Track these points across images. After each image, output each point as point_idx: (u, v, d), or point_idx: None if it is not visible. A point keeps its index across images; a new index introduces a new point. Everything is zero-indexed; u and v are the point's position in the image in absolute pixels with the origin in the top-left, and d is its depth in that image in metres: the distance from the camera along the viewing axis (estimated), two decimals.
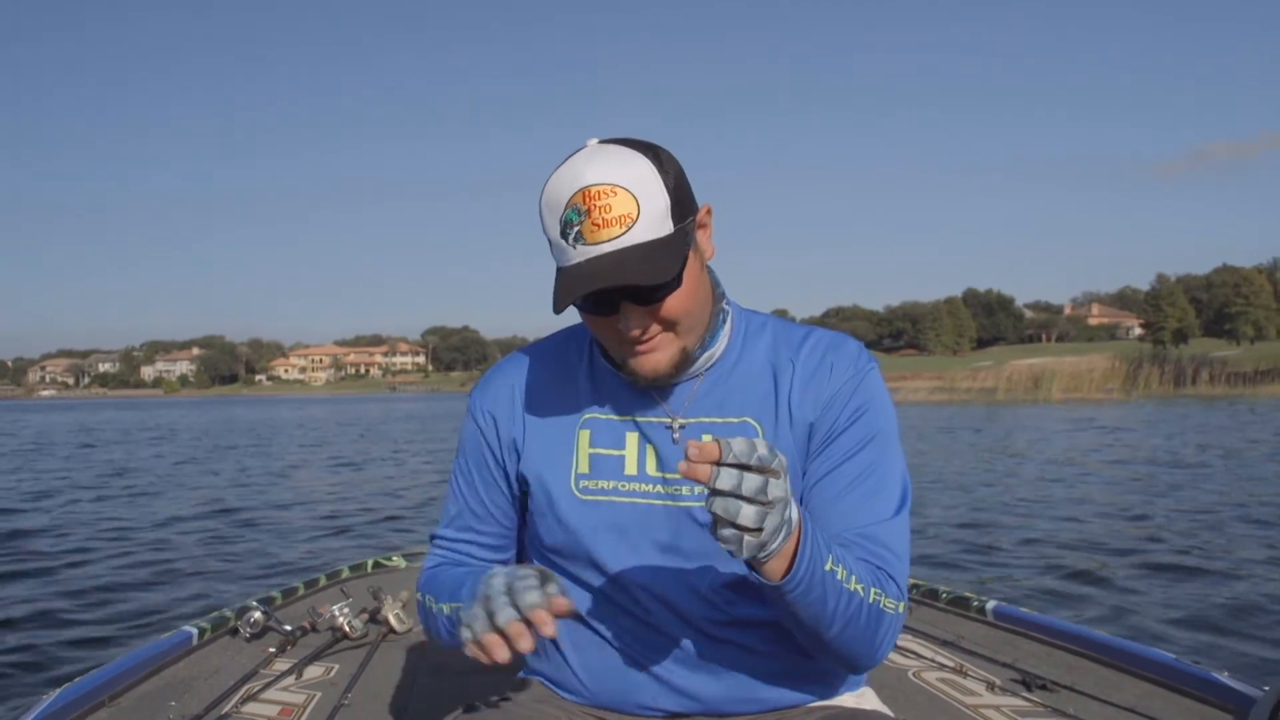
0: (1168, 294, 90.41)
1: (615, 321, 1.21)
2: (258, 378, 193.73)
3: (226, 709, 2.19)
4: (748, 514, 0.97)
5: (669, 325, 1.22)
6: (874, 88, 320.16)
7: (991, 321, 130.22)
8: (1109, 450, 15.87)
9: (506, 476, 1.39)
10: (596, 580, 1.31)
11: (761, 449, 0.98)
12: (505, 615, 1.07)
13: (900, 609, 1.21)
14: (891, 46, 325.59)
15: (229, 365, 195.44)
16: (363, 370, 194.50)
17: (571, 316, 1.44)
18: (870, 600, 1.16)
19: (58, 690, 2.11)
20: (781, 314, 1.43)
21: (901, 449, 1.31)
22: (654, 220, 1.16)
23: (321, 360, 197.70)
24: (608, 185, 1.14)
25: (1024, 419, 26.56)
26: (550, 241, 1.19)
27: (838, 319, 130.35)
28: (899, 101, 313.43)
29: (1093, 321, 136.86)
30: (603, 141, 1.20)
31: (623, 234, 1.14)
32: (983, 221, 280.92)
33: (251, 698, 2.28)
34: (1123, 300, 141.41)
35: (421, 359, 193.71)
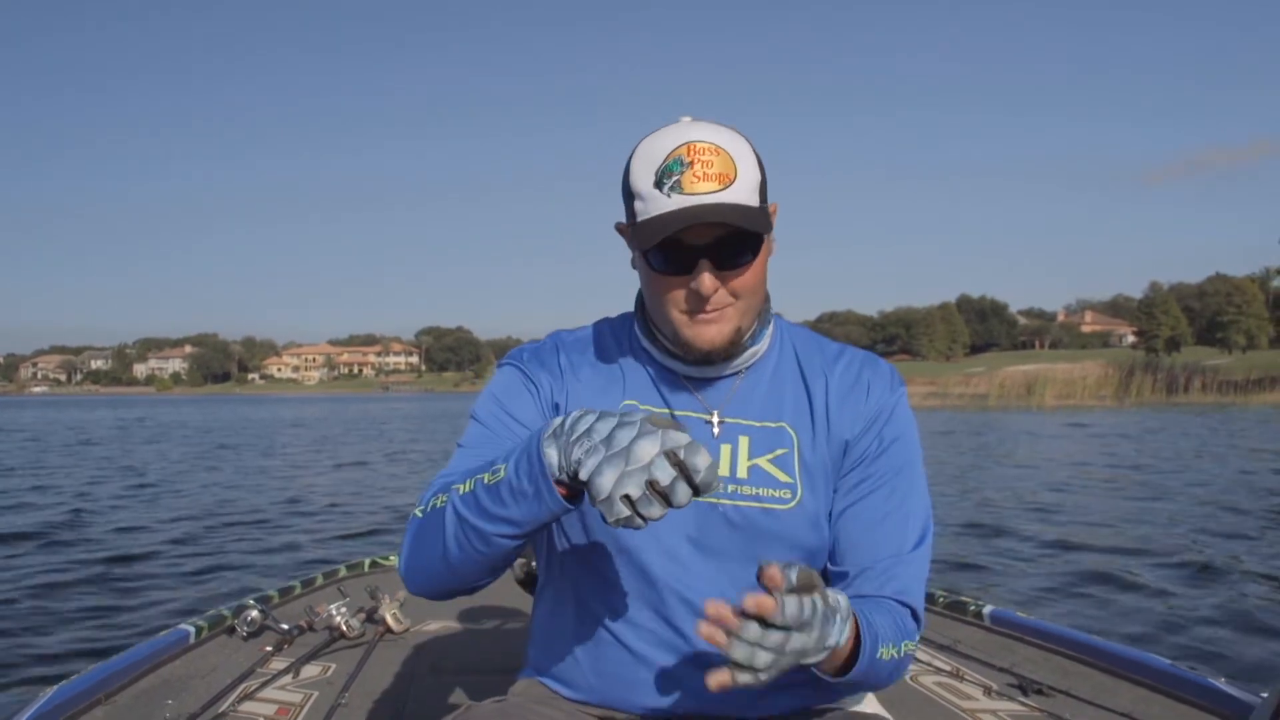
0: (1161, 302, 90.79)
1: (686, 281, 1.22)
2: (250, 376, 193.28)
3: (223, 708, 2.19)
4: (762, 659, 0.98)
5: (737, 296, 1.24)
6: (868, 91, 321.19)
7: (985, 327, 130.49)
8: (1102, 456, 15.93)
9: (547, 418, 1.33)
10: (619, 572, 1.30)
11: (807, 610, 0.98)
12: (682, 494, 0.97)
13: (917, 639, 1.27)
14: (885, 49, 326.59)
15: (222, 363, 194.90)
16: (356, 370, 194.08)
17: (596, 312, 1.46)
18: (901, 654, 1.21)
19: (54, 687, 2.11)
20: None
21: (925, 476, 1.34)
22: (748, 188, 1.21)
23: (315, 359, 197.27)
24: (713, 145, 1.20)
25: (1017, 425, 26.61)
26: (636, 194, 1.22)
27: (831, 323, 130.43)
28: (893, 105, 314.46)
29: (1086, 329, 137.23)
30: (695, 120, 1.25)
31: (720, 190, 1.18)
32: (977, 227, 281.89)
33: (248, 696, 2.28)
34: (1116, 308, 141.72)
35: (415, 359, 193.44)
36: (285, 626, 2.72)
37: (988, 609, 2.85)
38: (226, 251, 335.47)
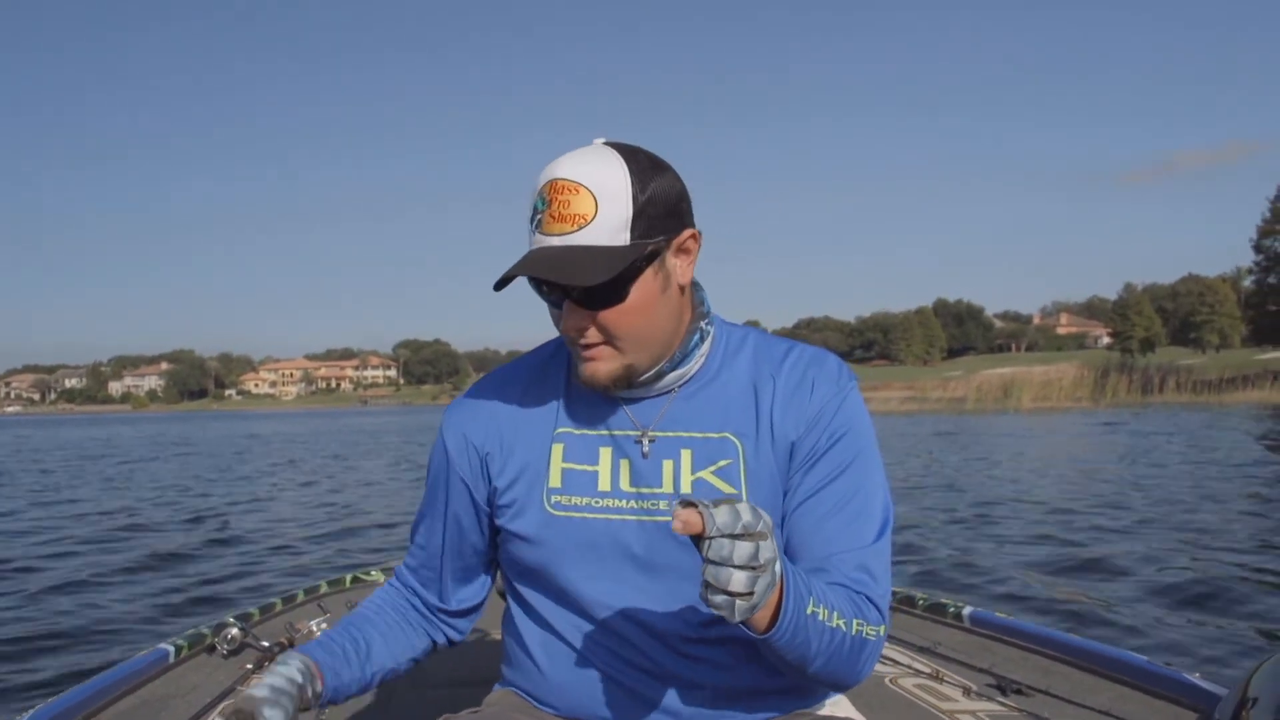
0: (1135, 303, 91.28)
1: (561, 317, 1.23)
2: (227, 392, 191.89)
3: None
4: (739, 580, 0.97)
5: (609, 338, 1.22)
6: (842, 98, 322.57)
7: (961, 331, 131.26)
8: (1080, 455, 16.03)
9: (474, 504, 1.38)
10: (570, 597, 1.31)
11: (746, 515, 0.98)
12: None
13: (881, 632, 1.22)
14: (859, 56, 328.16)
15: (198, 380, 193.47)
16: (334, 384, 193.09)
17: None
18: (853, 632, 1.17)
19: (30, 711, 2.09)
20: (753, 325, 1.44)
21: (883, 469, 1.31)
22: (609, 228, 1.16)
23: (292, 374, 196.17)
24: (573, 182, 1.16)
25: (994, 428, 26.75)
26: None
27: (809, 330, 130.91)
28: (867, 111, 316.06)
29: (1061, 331, 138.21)
30: (606, 142, 1.22)
31: (573, 232, 1.16)
32: (952, 231, 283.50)
33: None
34: (1091, 310, 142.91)
35: (393, 372, 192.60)
36: (266, 644, 2.69)
37: (967, 610, 2.86)
38: (201, 267, 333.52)
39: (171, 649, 2.60)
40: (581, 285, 1.16)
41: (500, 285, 1.20)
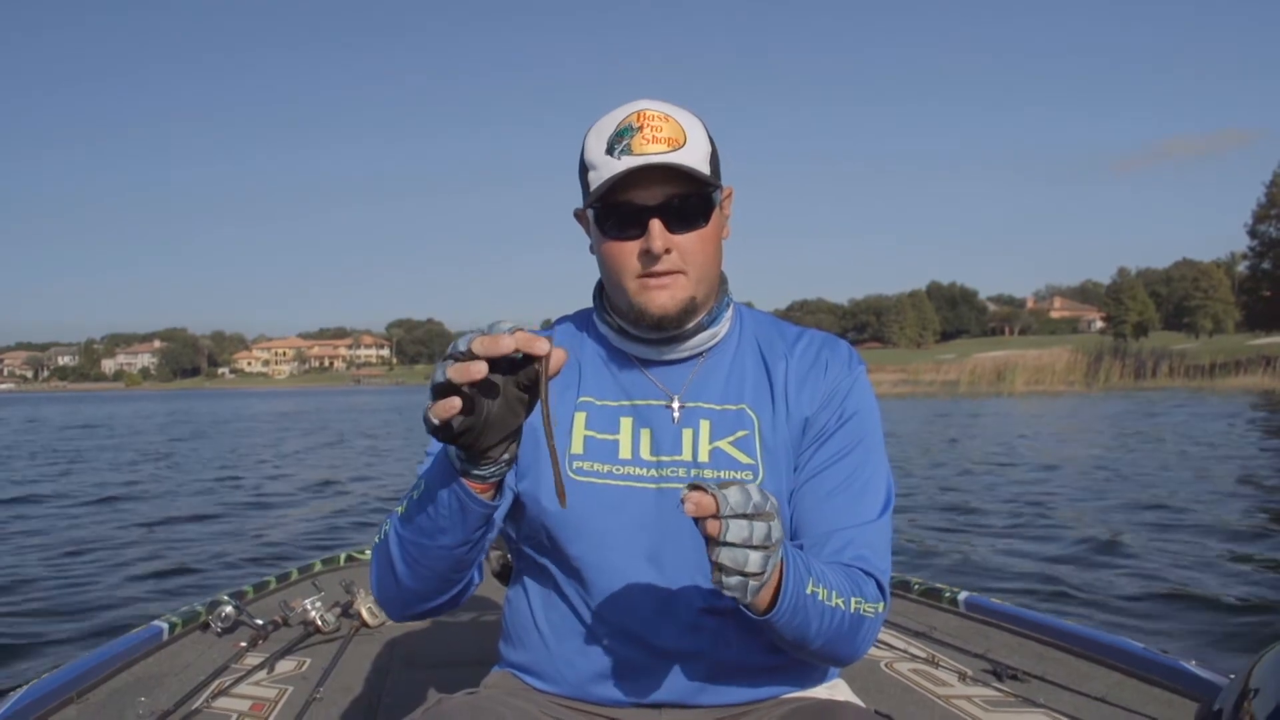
0: (1128, 288, 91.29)
1: (638, 244, 1.24)
2: (220, 371, 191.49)
3: (197, 704, 2.17)
4: (755, 561, 0.98)
5: (688, 261, 1.26)
6: (836, 82, 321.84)
7: (955, 314, 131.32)
8: (1076, 440, 16.06)
9: None
10: (583, 564, 1.30)
11: (755, 495, 0.99)
12: (462, 342, 0.97)
13: (880, 609, 1.24)
14: (852, 41, 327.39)
15: (191, 358, 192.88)
16: (327, 363, 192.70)
17: (564, 301, 1.45)
18: (851, 610, 1.19)
19: (25, 686, 2.09)
20: (745, 306, 1.46)
21: (885, 451, 1.35)
22: (698, 155, 1.24)
23: (285, 353, 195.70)
24: (662, 113, 1.25)
25: (987, 411, 26.80)
26: (589, 164, 1.25)
27: (801, 311, 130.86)
28: (862, 96, 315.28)
29: (1055, 315, 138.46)
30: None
31: (670, 151, 1.22)
32: (946, 215, 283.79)
33: (222, 692, 2.27)
34: (1084, 294, 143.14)
35: (386, 352, 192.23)
36: (260, 622, 2.70)
37: (963, 595, 2.87)
38: (195, 246, 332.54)
39: (165, 626, 2.60)
40: (707, 190, 1.23)
41: (603, 194, 1.22)
